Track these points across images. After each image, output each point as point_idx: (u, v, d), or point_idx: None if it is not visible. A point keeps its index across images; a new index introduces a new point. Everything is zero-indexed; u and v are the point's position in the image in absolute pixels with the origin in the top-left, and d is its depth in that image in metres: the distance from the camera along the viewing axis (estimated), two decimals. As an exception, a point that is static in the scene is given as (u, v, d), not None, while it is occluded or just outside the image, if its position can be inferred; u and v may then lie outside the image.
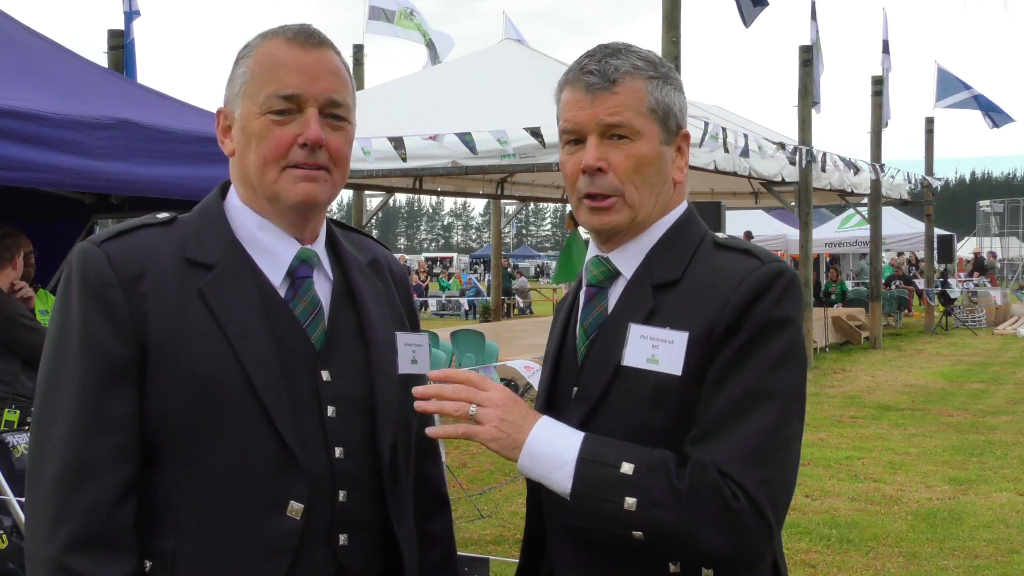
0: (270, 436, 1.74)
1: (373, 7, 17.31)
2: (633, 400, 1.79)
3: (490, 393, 1.76)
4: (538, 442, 1.74)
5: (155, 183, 4.87)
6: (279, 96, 1.78)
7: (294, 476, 1.76)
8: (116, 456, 1.70)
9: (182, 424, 1.73)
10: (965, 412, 12.10)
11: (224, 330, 1.74)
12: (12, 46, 5.10)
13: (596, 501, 1.70)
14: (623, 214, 1.85)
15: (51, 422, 1.72)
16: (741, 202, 20.81)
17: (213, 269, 1.78)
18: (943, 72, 23.55)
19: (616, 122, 1.82)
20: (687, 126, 1.95)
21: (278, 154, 1.78)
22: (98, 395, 1.70)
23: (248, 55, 1.83)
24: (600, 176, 1.83)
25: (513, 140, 10.53)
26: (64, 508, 1.68)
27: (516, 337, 15.92)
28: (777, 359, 1.74)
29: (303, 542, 1.77)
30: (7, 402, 5.25)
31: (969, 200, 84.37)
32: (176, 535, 1.73)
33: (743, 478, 1.68)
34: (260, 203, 1.84)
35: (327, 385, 1.82)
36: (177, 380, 1.72)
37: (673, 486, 1.68)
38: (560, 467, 1.73)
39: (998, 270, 37.07)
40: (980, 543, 6.82)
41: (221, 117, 1.87)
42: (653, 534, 1.68)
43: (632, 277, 1.87)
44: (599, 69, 1.83)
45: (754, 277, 1.78)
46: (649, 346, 1.78)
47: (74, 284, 1.75)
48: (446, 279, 41.58)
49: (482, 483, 8.52)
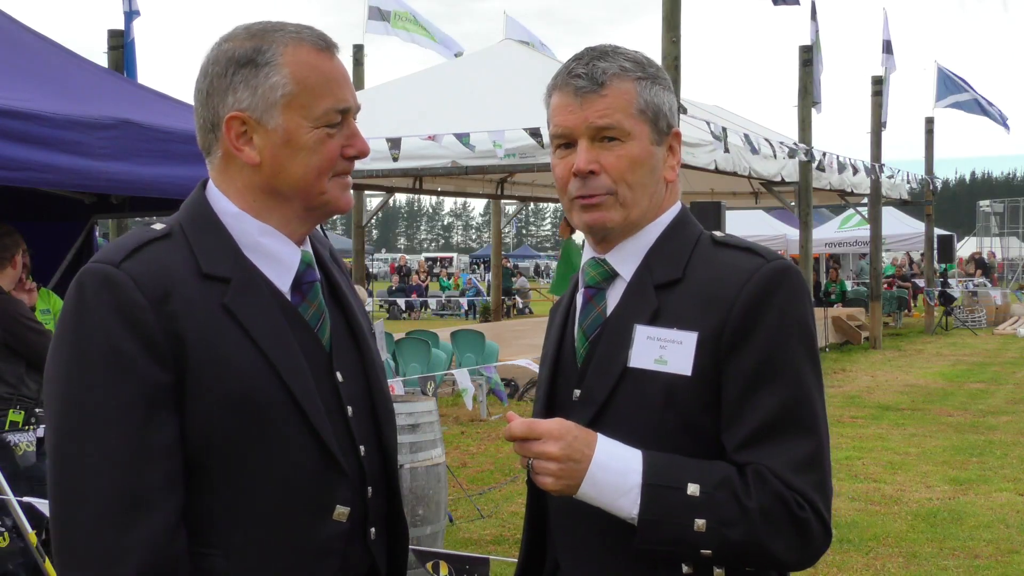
0: (313, 443, 1.75)
1: (372, 7, 17.31)
2: (642, 402, 1.79)
3: (543, 446, 1.74)
4: (600, 471, 1.72)
5: (155, 183, 4.87)
6: (336, 110, 1.79)
7: (338, 480, 1.77)
8: (167, 485, 1.66)
9: (227, 442, 1.70)
10: (965, 412, 12.10)
11: (258, 343, 1.72)
12: (12, 46, 5.10)
13: (665, 526, 1.70)
14: (616, 212, 1.85)
15: (87, 454, 1.65)
16: (741, 202, 20.82)
17: (230, 282, 1.75)
18: (943, 72, 23.57)
19: (606, 124, 1.82)
20: (678, 125, 1.95)
21: (329, 165, 1.79)
22: (142, 423, 1.65)
23: (276, 63, 1.76)
24: (592, 178, 1.84)
25: (512, 141, 10.54)
26: (122, 542, 1.62)
27: (516, 337, 15.94)
28: (805, 360, 1.77)
29: (348, 543, 1.79)
30: (12, 403, 5.26)
31: (969, 200, 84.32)
32: (226, 553, 1.71)
33: (802, 486, 1.72)
34: (274, 211, 1.81)
35: (343, 385, 1.84)
36: (219, 398, 1.69)
37: (741, 503, 1.70)
38: (624, 494, 1.72)
39: (997, 270, 37.08)
40: (980, 543, 6.82)
41: (236, 123, 1.77)
42: (722, 551, 1.70)
43: (632, 278, 1.87)
44: (587, 72, 1.83)
45: (759, 276, 1.78)
46: (657, 347, 1.78)
47: (96, 309, 1.67)
48: (446, 279, 41.61)
49: (482, 483, 8.53)
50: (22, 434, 5.24)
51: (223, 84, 1.78)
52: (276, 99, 1.76)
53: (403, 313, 30.21)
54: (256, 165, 1.78)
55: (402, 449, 6.14)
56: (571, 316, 1.97)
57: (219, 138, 1.80)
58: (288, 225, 1.82)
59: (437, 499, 6.27)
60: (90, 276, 1.69)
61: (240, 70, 1.77)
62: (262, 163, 1.78)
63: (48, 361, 1.72)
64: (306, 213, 1.83)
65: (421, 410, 6.36)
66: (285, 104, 1.76)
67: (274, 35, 1.80)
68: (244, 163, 1.79)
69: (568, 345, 1.94)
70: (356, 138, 1.82)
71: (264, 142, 1.78)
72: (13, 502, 4.38)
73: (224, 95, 1.78)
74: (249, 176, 1.80)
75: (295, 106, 1.77)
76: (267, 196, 1.80)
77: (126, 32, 8.89)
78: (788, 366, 1.75)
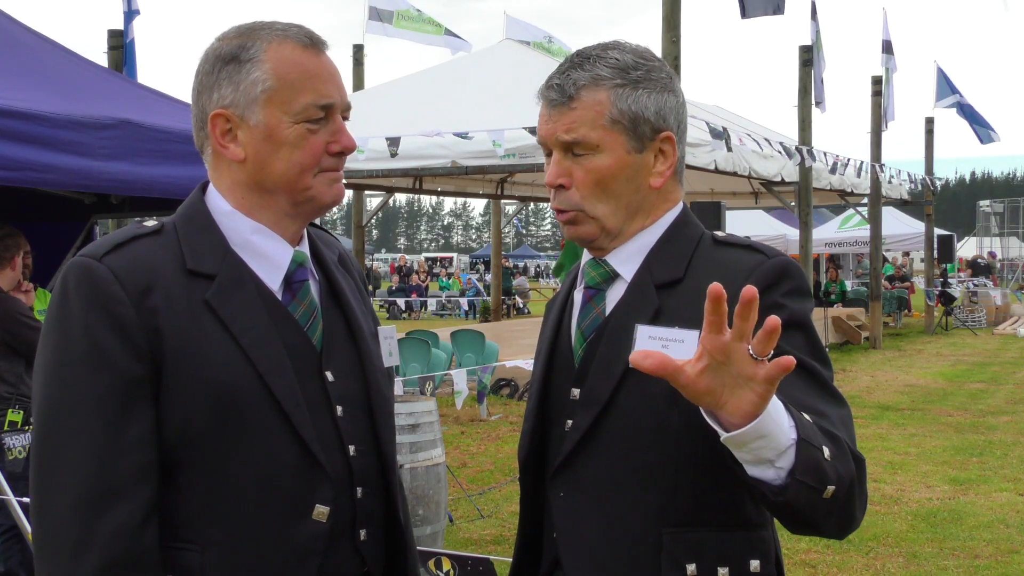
0: (292, 442, 1.75)
1: (371, 7, 17.31)
2: (646, 401, 1.78)
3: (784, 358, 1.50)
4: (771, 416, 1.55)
5: (155, 183, 4.87)
6: (317, 106, 1.78)
7: (318, 479, 1.77)
8: (139, 477, 1.68)
9: (204, 437, 1.71)
10: (965, 412, 12.10)
11: (238, 340, 1.73)
12: (12, 46, 5.09)
13: (812, 447, 1.59)
14: (589, 226, 1.86)
15: (62, 444, 1.68)
16: (741, 202, 20.81)
17: (215, 279, 1.76)
18: (942, 72, 23.57)
19: (572, 139, 1.82)
20: (682, 124, 1.91)
21: (314, 161, 1.80)
22: (116, 415, 1.68)
23: (258, 59, 1.78)
24: (562, 192, 1.85)
25: (512, 140, 10.53)
26: (89, 532, 1.65)
27: (516, 337, 15.93)
28: (811, 353, 1.76)
29: (330, 543, 1.78)
30: (11, 402, 5.26)
31: (969, 200, 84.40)
32: (202, 549, 1.72)
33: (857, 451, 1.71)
34: (263, 208, 1.82)
35: (333, 385, 1.84)
36: (196, 394, 1.71)
37: (854, 475, 1.66)
38: (786, 418, 1.58)
39: (997, 270, 37.08)
40: (980, 543, 6.82)
41: (221, 121, 1.80)
42: (839, 490, 1.63)
43: (633, 278, 1.86)
44: (559, 84, 1.83)
45: (761, 272, 1.78)
46: (659, 346, 1.76)
47: (76, 301, 1.70)
48: (446, 279, 41.60)
49: (482, 483, 8.53)
50: (19, 436, 5.24)
51: (209, 82, 1.82)
52: (257, 95, 1.78)
53: (403, 313, 30.21)
54: (241, 161, 1.81)
55: (402, 449, 6.14)
56: (566, 314, 1.96)
57: (208, 136, 1.83)
58: (279, 222, 1.83)
59: (437, 499, 6.27)
60: (73, 269, 1.73)
61: (225, 67, 1.80)
62: (246, 159, 1.80)
63: (36, 353, 1.76)
64: (293, 209, 1.83)
65: (421, 410, 6.37)
66: (266, 99, 1.78)
67: (260, 33, 1.82)
68: (230, 160, 1.81)
69: (564, 344, 1.93)
70: (341, 134, 1.82)
71: (247, 138, 1.80)
72: (13, 502, 4.38)
73: (210, 93, 1.81)
74: (236, 173, 1.82)
75: (275, 101, 1.78)
76: (254, 193, 1.82)
77: (126, 32, 8.89)
78: (796, 351, 1.72)
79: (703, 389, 1.50)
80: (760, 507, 1.84)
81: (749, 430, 1.52)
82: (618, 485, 1.80)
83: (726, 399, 1.51)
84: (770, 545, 1.86)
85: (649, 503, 1.79)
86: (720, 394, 1.51)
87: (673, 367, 1.49)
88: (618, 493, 1.80)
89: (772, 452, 1.56)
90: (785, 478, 1.57)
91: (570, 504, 1.83)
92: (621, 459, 1.80)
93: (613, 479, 1.81)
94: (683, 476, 1.78)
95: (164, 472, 1.72)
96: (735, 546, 1.80)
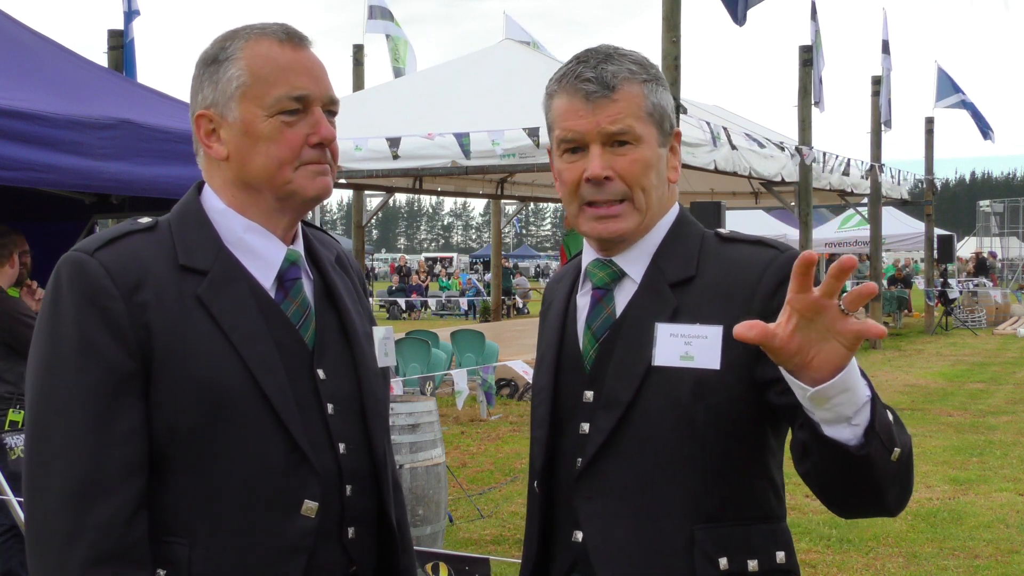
0: (281, 438, 1.75)
1: (372, 7, 17.31)
2: (670, 399, 1.78)
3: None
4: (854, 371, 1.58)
5: (155, 183, 4.87)
6: (290, 98, 1.79)
7: (307, 476, 1.77)
8: (128, 470, 1.69)
9: (192, 432, 1.72)
10: (965, 412, 12.11)
11: (228, 336, 1.74)
12: (12, 46, 5.09)
13: (881, 408, 1.63)
14: (631, 220, 1.85)
15: (52, 437, 1.69)
16: (741, 202, 20.81)
17: (207, 275, 1.77)
18: (942, 72, 23.57)
19: (619, 129, 1.82)
20: (678, 125, 1.96)
21: (293, 155, 1.80)
22: (105, 409, 1.69)
23: (234, 57, 1.81)
24: (607, 184, 1.83)
25: (511, 141, 10.53)
26: (78, 524, 1.66)
27: (516, 337, 15.93)
28: None
29: (318, 540, 1.78)
30: (12, 402, 5.25)
31: (969, 200, 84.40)
32: (190, 543, 1.73)
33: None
34: (252, 205, 1.83)
35: (324, 383, 1.84)
36: (185, 389, 1.71)
37: (910, 442, 1.69)
38: (860, 375, 1.61)
39: (998, 270, 37.07)
40: (980, 543, 6.82)
41: (204, 121, 1.84)
42: (903, 456, 1.66)
43: (643, 278, 1.87)
44: (596, 76, 1.82)
45: (776, 265, 1.79)
46: (681, 343, 1.77)
47: (68, 296, 1.72)
48: (446, 279, 41.59)
49: (482, 483, 8.53)
50: (20, 436, 5.23)
51: (195, 85, 1.86)
52: (232, 91, 1.81)
53: (403, 313, 30.21)
54: (225, 159, 1.83)
55: (402, 449, 6.15)
56: (568, 317, 1.95)
57: (195, 136, 1.87)
58: (269, 219, 1.84)
59: (437, 499, 6.27)
60: (66, 264, 1.75)
61: (207, 69, 1.84)
62: (230, 157, 1.83)
63: (30, 346, 1.79)
64: (279, 204, 1.84)
65: (421, 410, 6.37)
66: (241, 95, 1.80)
67: (240, 32, 1.85)
68: (217, 159, 1.84)
69: (570, 347, 1.92)
70: (320, 125, 1.82)
71: (228, 135, 1.82)
72: (13, 502, 4.38)
73: (196, 95, 1.86)
74: (224, 171, 1.85)
75: (249, 96, 1.80)
76: (241, 190, 1.84)
77: (126, 32, 8.88)
78: None
79: (795, 348, 1.54)
80: (781, 499, 1.86)
81: (837, 382, 1.55)
82: (646, 485, 1.80)
83: (813, 355, 1.54)
84: (790, 537, 1.87)
85: (679, 501, 1.79)
86: (808, 351, 1.54)
87: (770, 332, 1.53)
88: (647, 493, 1.80)
89: (851, 408, 1.59)
90: (862, 436, 1.60)
91: (597, 507, 1.82)
92: (648, 459, 1.80)
93: (641, 480, 1.80)
94: (711, 472, 1.79)
95: (153, 466, 1.73)
96: (762, 539, 1.81)
